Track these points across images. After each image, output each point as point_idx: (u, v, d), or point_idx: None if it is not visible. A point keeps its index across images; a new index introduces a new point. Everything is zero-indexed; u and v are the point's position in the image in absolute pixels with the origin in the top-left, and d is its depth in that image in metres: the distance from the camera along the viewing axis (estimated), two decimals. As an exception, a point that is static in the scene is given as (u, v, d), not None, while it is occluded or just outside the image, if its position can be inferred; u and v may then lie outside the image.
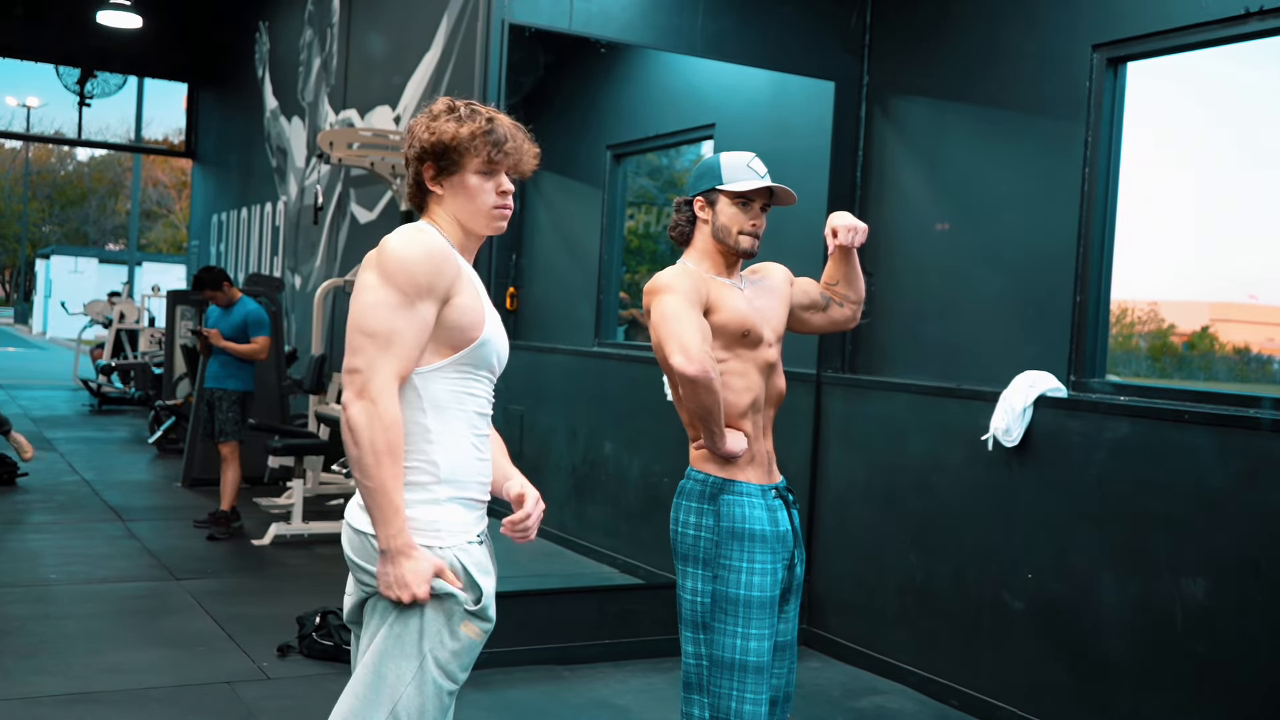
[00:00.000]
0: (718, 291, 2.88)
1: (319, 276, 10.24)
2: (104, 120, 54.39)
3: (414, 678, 2.13)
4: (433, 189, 2.24)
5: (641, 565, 6.41)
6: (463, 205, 2.23)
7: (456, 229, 2.24)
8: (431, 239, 2.17)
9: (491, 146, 2.20)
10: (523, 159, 2.26)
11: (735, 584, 2.84)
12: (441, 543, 2.15)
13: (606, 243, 7.73)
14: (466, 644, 2.17)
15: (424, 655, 2.13)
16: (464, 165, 2.21)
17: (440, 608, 2.13)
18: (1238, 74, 4.32)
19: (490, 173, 2.22)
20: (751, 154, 2.95)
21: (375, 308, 2.10)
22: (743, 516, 2.86)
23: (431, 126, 2.20)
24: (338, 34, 9.99)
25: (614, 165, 7.77)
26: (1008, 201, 4.89)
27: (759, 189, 2.89)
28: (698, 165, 2.99)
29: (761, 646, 2.84)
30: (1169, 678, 3.91)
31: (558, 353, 7.50)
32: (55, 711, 4.13)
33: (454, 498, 2.19)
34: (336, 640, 4.81)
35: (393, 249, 2.13)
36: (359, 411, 2.06)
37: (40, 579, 5.98)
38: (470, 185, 2.22)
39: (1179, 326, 4.71)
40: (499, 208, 2.24)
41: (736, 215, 2.89)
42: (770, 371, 2.94)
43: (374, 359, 2.08)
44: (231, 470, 7.28)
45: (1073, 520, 4.25)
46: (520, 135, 2.27)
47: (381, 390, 2.07)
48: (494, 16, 4.69)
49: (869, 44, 5.55)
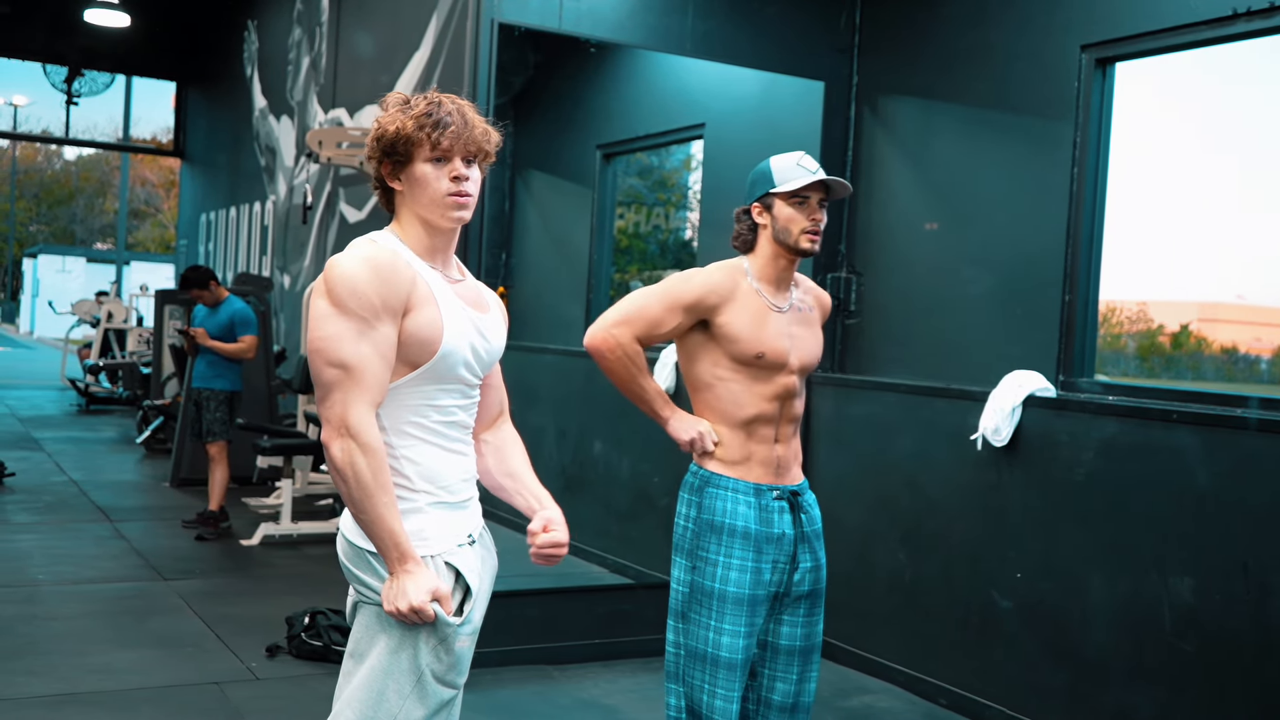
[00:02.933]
0: (741, 305, 2.86)
1: (308, 276, 10.22)
2: (91, 119, 54.29)
3: (414, 690, 2.12)
4: (393, 185, 2.18)
5: (631, 565, 6.41)
6: (419, 197, 2.14)
7: (418, 228, 2.17)
8: (377, 251, 2.08)
9: (433, 129, 2.11)
10: (474, 137, 2.15)
11: (710, 576, 2.85)
12: (430, 550, 2.12)
13: (596, 242, 7.73)
14: (460, 654, 2.16)
15: (421, 670, 2.12)
16: (414, 155, 2.13)
17: (434, 629, 2.12)
18: (1226, 74, 4.34)
19: (441, 159, 2.14)
20: (800, 152, 2.93)
21: (335, 341, 2.03)
22: (723, 510, 2.86)
23: (381, 121, 2.14)
24: (327, 33, 9.96)
25: (604, 165, 7.77)
26: (996, 201, 4.91)
27: (813, 184, 2.88)
28: (750, 174, 2.97)
29: (735, 643, 2.83)
30: (1156, 676, 3.92)
31: (547, 352, 7.50)
32: (43, 712, 4.11)
33: (435, 502, 2.16)
34: (325, 641, 4.80)
35: (339, 273, 2.05)
36: (341, 450, 2.03)
37: (27, 579, 5.96)
38: (421, 174, 2.13)
39: (1167, 326, 4.73)
40: (453, 194, 2.14)
41: (795, 215, 2.88)
42: (787, 394, 2.91)
43: (347, 393, 2.03)
44: (220, 470, 7.26)
45: (1061, 519, 4.26)
46: (469, 114, 2.17)
47: (360, 424, 2.03)
48: (484, 16, 4.69)
49: (858, 44, 5.55)
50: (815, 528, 2.98)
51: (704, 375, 2.90)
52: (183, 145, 16.73)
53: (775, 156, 2.93)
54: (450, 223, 2.16)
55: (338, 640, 4.79)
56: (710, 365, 2.89)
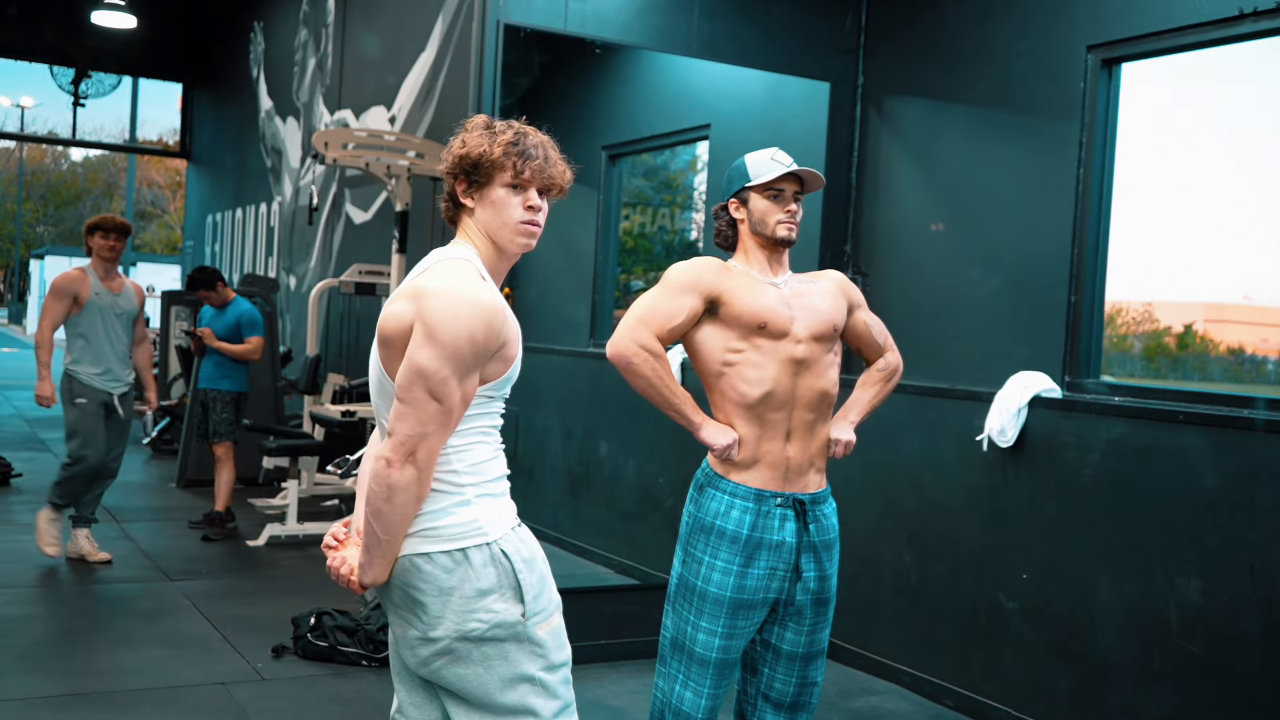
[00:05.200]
0: (736, 284, 2.89)
1: (314, 277, 10.23)
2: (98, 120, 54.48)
3: (541, 692, 2.21)
4: (464, 202, 2.26)
5: (637, 566, 6.40)
6: (491, 219, 2.24)
7: (488, 245, 2.26)
8: (487, 294, 2.15)
9: (518, 158, 2.21)
10: (552, 173, 2.26)
11: (694, 574, 2.90)
12: (488, 538, 2.19)
13: (601, 243, 7.73)
14: (551, 635, 2.25)
15: (533, 676, 2.21)
16: (493, 179, 2.23)
17: (510, 639, 2.19)
18: (1232, 75, 4.33)
19: (518, 186, 2.23)
20: (774, 148, 3.00)
21: (446, 378, 2.09)
22: (714, 512, 2.88)
23: (464, 140, 2.24)
24: (333, 34, 9.98)
25: (609, 166, 7.77)
26: (1002, 202, 4.90)
27: (785, 176, 2.94)
28: (726, 171, 3.04)
29: (710, 641, 2.87)
30: (1164, 678, 3.91)
31: (553, 353, 7.50)
32: (49, 713, 4.12)
33: (481, 494, 2.22)
34: (331, 641, 4.80)
35: (458, 312, 2.10)
36: (405, 478, 2.09)
37: (34, 580, 5.97)
38: (497, 198, 2.23)
39: (1173, 327, 4.73)
40: (526, 223, 2.24)
41: (770, 207, 2.94)
42: (799, 369, 2.88)
43: (432, 429, 2.09)
44: (226, 471, 7.27)
45: (1067, 520, 4.25)
46: (551, 151, 2.28)
47: (429, 460, 2.11)
48: (489, 17, 4.69)
49: (864, 45, 5.55)
50: (827, 538, 2.96)
51: (715, 362, 2.90)
52: (189, 147, 16.77)
53: (750, 154, 3.00)
54: (518, 248, 2.27)
55: (343, 641, 4.80)
56: (722, 348, 2.88)
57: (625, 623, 5.12)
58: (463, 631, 2.16)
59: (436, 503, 2.17)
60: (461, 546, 2.17)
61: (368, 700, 4.40)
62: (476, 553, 2.17)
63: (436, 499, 2.18)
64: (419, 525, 2.17)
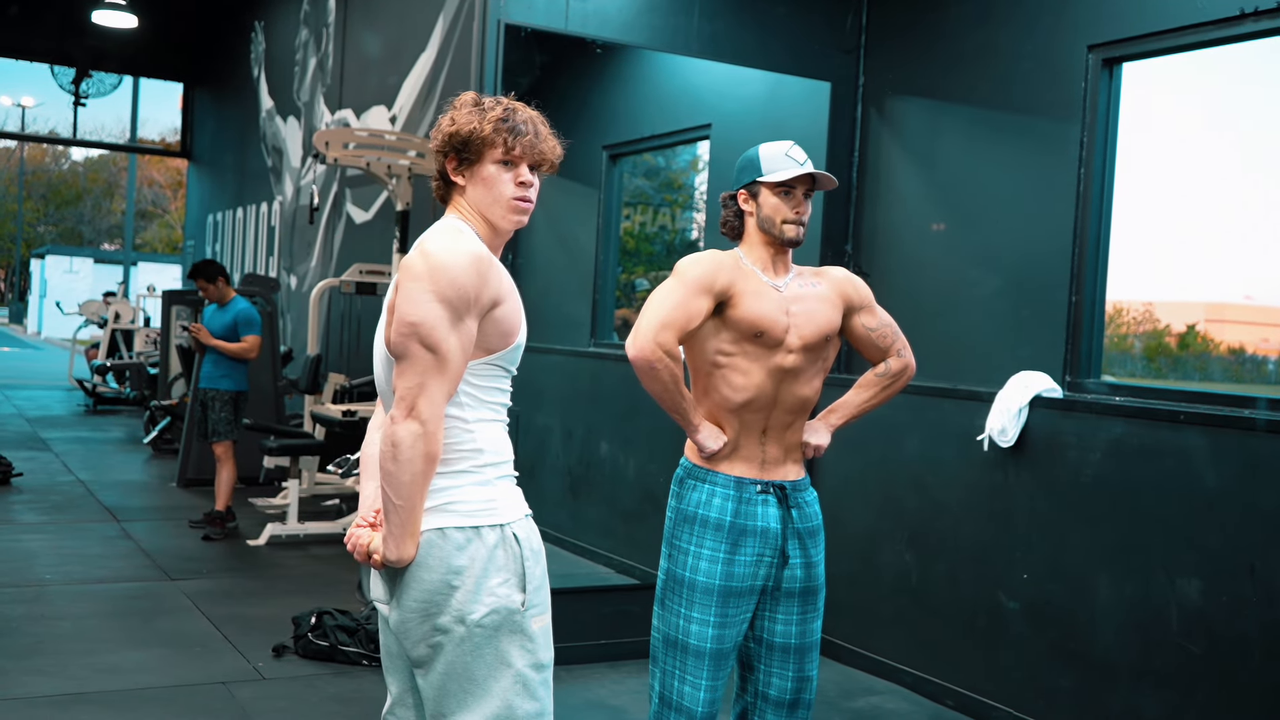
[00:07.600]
0: (745, 285, 2.86)
1: (315, 277, 10.23)
2: (99, 120, 54.42)
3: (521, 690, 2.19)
4: (455, 179, 2.26)
5: (637, 565, 6.40)
6: (482, 195, 2.24)
7: (480, 222, 2.25)
8: (472, 245, 2.16)
9: (509, 134, 2.21)
10: (543, 148, 2.26)
11: (681, 565, 2.90)
12: (501, 519, 2.20)
13: (602, 243, 7.73)
14: (542, 633, 2.24)
15: (518, 670, 2.19)
16: (483, 155, 2.23)
17: (505, 627, 2.18)
18: (1234, 74, 4.33)
19: (509, 163, 2.23)
20: (790, 142, 2.93)
21: (434, 324, 2.09)
22: (697, 502, 2.89)
23: (454, 118, 2.24)
24: (333, 34, 9.98)
25: (610, 165, 7.77)
26: (1003, 202, 4.90)
27: (799, 176, 2.89)
28: (739, 159, 2.98)
29: (704, 632, 2.86)
30: (1164, 678, 3.91)
31: (553, 353, 7.50)
32: (50, 712, 4.12)
33: (501, 476, 2.24)
34: (332, 641, 4.81)
35: (442, 261, 2.11)
36: (406, 432, 2.08)
37: (35, 579, 5.97)
38: (488, 175, 2.23)
39: (1174, 327, 4.73)
40: (518, 199, 2.24)
41: (779, 205, 2.89)
42: (785, 376, 2.88)
43: (430, 380, 2.09)
44: (226, 470, 7.27)
45: (1068, 520, 4.25)
46: (541, 126, 2.28)
47: (433, 413, 2.09)
48: (490, 17, 4.69)
49: (865, 44, 5.55)
50: (810, 525, 2.96)
51: (707, 359, 2.89)
52: (190, 146, 16.78)
53: (764, 144, 2.94)
54: (510, 225, 2.27)
55: (344, 640, 4.80)
56: (715, 348, 2.88)
57: (625, 622, 5.12)
58: (463, 613, 2.15)
59: (455, 479, 2.18)
60: (476, 524, 2.17)
61: (368, 699, 4.40)
62: (490, 532, 2.18)
63: (455, 476, 2.18)
64: (434, 500, 2.16)
